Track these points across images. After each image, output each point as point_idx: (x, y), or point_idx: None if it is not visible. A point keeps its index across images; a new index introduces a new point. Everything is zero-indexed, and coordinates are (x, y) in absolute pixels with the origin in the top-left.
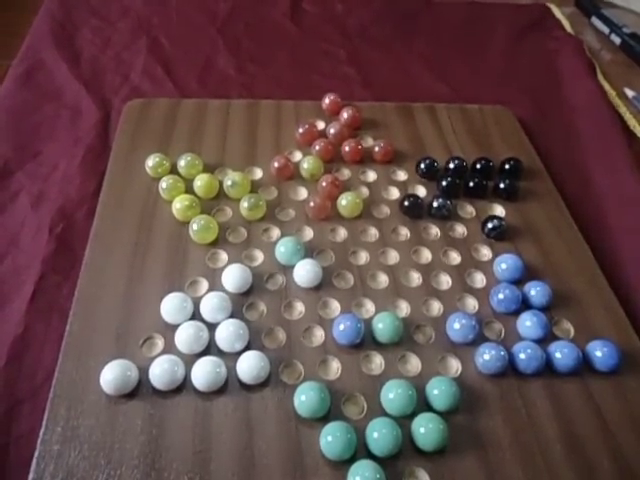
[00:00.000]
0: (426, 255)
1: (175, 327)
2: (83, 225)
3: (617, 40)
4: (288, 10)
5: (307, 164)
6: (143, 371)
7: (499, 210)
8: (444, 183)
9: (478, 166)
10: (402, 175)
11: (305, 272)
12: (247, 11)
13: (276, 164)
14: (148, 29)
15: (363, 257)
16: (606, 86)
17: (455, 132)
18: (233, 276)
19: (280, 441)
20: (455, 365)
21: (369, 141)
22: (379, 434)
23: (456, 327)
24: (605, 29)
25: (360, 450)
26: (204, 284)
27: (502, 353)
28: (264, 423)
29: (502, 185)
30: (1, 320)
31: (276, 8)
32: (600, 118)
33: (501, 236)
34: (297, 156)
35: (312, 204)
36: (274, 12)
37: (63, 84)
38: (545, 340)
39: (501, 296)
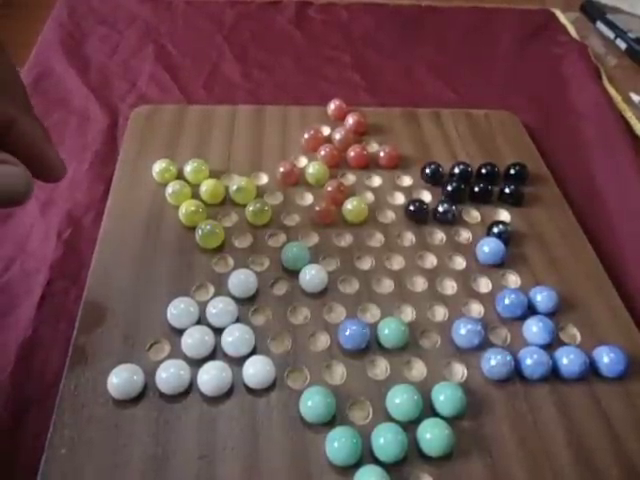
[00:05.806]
0: (431, 260)
1: (181, 331)
2: (90, 230)
3: (622, 45)
4: (294, 17)
5: (312, 169)
6: (149, 375)
7: (504, 215)
8: (449, 188)
9: (483, 171)
10: (407, 180)
11: (310, 277)
12: (253, 18)
13: (282, 169)
14: (155, 37)
15: (368, 262)
16: (612, 91)
17: (460, 137)
18: (239, 281)
19: (285, 446)
20: (461, 370)
21: (374, 146)
22: (385, 439)
23: (462, 332)
24: (610, 34)
25: (366, 455)
26: (210, 289)
27: (508, 358)
28: (270, 428)
29: (507, 190)
30: (10, 324)
31: (282, 15)
32: (606, 123)
33: (506, 241)
34: (302, 161)
35: (317, 209)
36: (280, 19)
37: (71, 91)
38: (551, 346)
39: (507, 301)
